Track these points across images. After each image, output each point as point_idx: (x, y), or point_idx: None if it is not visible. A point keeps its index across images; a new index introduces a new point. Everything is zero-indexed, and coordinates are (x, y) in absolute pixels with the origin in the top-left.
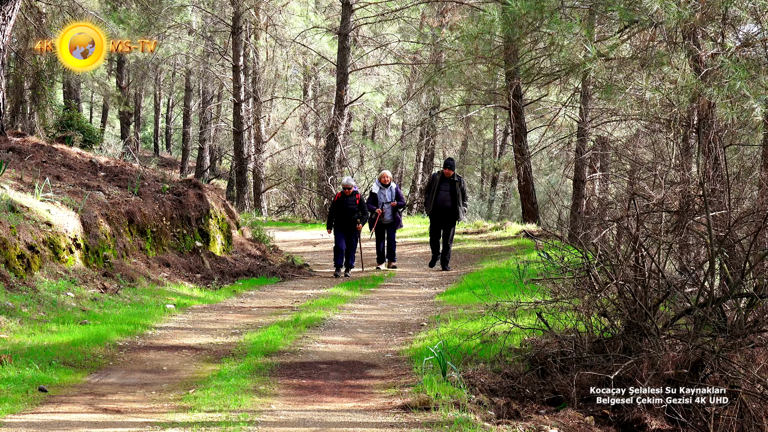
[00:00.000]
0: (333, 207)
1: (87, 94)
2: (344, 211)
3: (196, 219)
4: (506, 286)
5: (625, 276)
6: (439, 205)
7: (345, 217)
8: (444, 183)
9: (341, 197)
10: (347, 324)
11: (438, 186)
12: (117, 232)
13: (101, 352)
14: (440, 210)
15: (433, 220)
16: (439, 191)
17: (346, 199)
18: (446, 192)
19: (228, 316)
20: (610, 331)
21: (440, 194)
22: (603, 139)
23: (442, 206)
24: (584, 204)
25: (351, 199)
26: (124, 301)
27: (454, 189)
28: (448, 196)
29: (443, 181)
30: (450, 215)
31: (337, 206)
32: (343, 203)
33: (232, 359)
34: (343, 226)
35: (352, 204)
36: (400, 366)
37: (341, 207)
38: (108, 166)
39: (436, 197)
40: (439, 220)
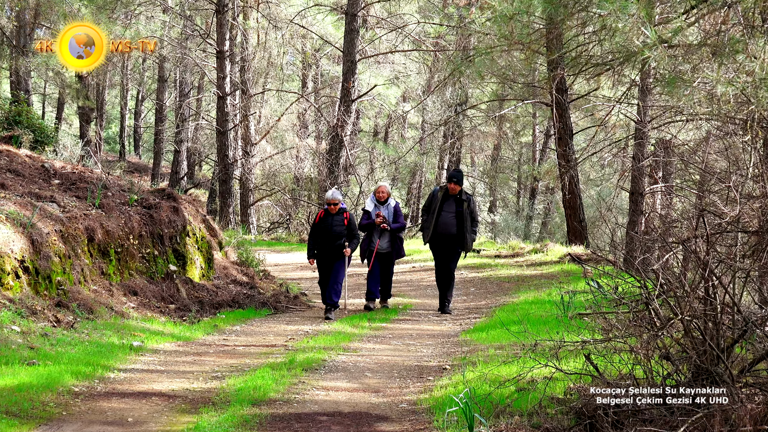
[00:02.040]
0: (314, 229)
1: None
2: (328, 235)
3: (171, 237)
4: (547, 321)
5: (692, 310)
6: (441, 232)
7: (329, 243)
8: (448, 202)
9: (324, 216)
10: (353, 367)
11: (440, 206)
12: (74, 253)
13: (53, 399)
14: (442, 238)
15: (435, 251)
16: (441, 213)
17: (330, 219)
18: (450, 215)
19: (208, 357)
20: (674, 377)
21: (442, 217)
22: (665, 143)
23: (444, 233)
24: (643, 222)
25: (337, 218)
26: (82, 337)
27: (460, 211)
28: (452, 220)
29: (447, 199)
30: (455, 245)
31: (320, 228)
32: (327, 225)
33: (212, 409)
34: (328, 255)
35: (339, 225)
36: (418, 419)
37: (324, 229)
38: (64, 172)
39: (436, 221)
40: (441, 250)
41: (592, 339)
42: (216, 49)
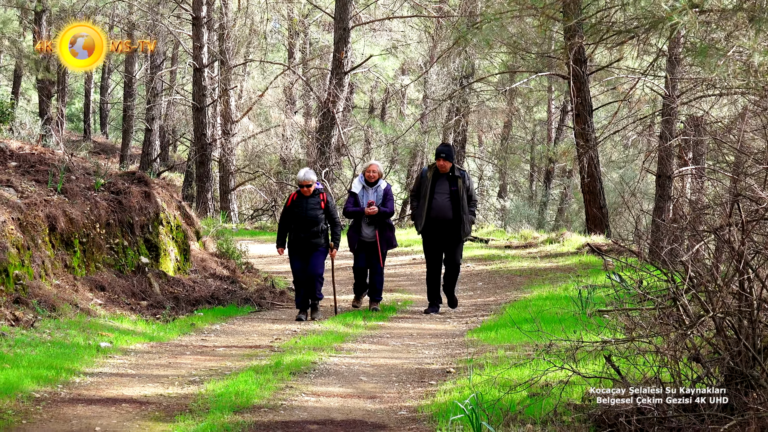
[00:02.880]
0: (285, 214)
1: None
2: (303, 221)
3: (142, 226)
4: (563, 319)
5: (725, 307)
6: (434, 216)
7: (304, 229)
8: (440, 183)
9: (297, 200)
10: (347, 370)
11: (431, 188)
12: (33, 244)
13: (11, 406)
14: (437, 224)
15: (429, 240)
16: (434, 196)
17: (305, 202)
18: (444, 196)
19: (184, 359)
20: (704, 381)
21: (436, 200)
22: (696, 120)
23: (438, 218)
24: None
25: (312, 201)
26: (43, 337)
27: (455, 190)
28: (447, 203)
29: (438, 179)
30: (452, 231)
31: (292, 214)
32: (301, 208)
33: (189, 417)
34: (302, 245)
35: (315, 209)
36: (419, 427)
37: (298, 215)
38: (21, 154)
39: (429, 206)
40: (436, 239)
41: (614, 339)
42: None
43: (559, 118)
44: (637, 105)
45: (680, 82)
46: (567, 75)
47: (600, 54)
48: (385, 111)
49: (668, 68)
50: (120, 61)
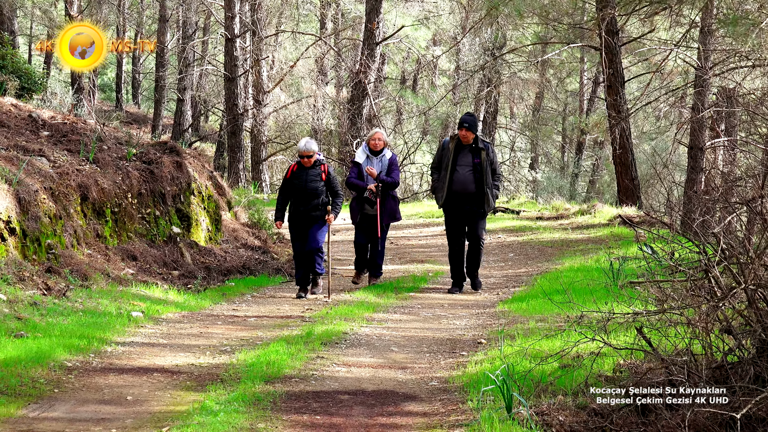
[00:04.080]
0: (285, 186)
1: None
2: (303, 193)
3: (174, 196)
4: (595, 291)
5: (757, 279)
6: (457, 190)
7: (304, 202)
8: (462, 154)
9: (297, 171)
10: (377, 340)
11: (453, 160)
12: (65, 213)
13: (43, 375)
14: (459, 198)
15: (451, 215)
16: (456, 168)
17: (305, 173)
18: (467, 169)
19: (216, 329)
20: (736, 353)
21: (457, 172)
22: (729, 92)
23: (461, 192)
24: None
25: (313, 172)
26: (75, 306)
27: (478, 162)
28: (470, 176)
29: (460, 151)
30: (475, 204)
31: (292, 185)
32: (301, 179)
33: (220, 386)
34: (302, 218)
35: (315, 180)
36: (449, 398)
37: (298, 187)
38: (54, 123)
39: (451, 179)
40: (458, 214)
41: (645, 310)
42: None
43: (590, 90)
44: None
45: (713, 54)
46: (599, 46)
47: (632, 25)
48: (416, 82)
49: (701, 39)
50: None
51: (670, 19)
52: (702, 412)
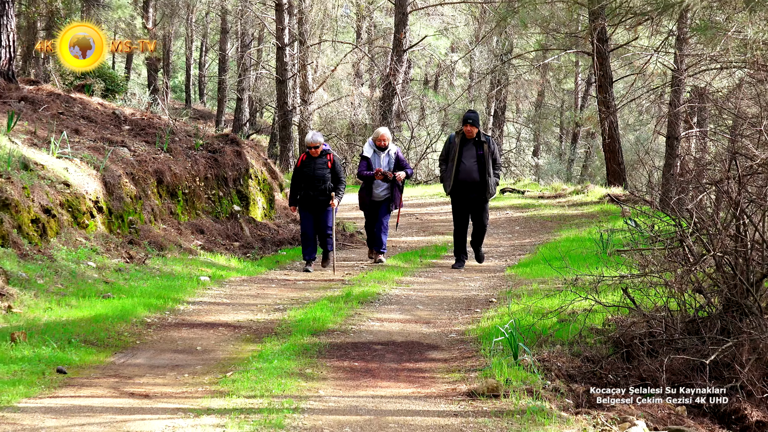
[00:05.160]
0: (296, 174)
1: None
2: (311, 179)
3: (234, 179)
4: (587, 258)
5: (724, 247)
6: (463, 179)
7: (313, 188)
8: (467, 147)
9: (306, 160)
10: (405, 300)
11: (459, 152)
12: (144, 194)
13: (127, 329)
14: (465, 186)
15: (456, 201)
16: (461, 160)
17: (313, 162)
18: (472, 160)
19: (270, 290)
20: (705, 309)
21: (463, 164)
22: (700, 90)
23: (466, 181)
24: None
25: (320, 161)
26: (153, 272)
27: (481, 154)
28: (474, 166)
29: (465, 144)
30: (478, 192)
31: (302, 172)
32: (310, 168)
33: (274, 338)
34: (311, 202)
35: (322, 168)
36: (466, 347)
37: (307, 173)
38: (133, 119)
39: (457, 169)
40: (464, 200)
41: (630, 274)
42: (275, 2)
43: (584, 89)
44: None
45: (687, 58)
46: (591, 52)
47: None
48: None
49: (677, 46)
50: (216, 41)
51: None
52: (677, 359)
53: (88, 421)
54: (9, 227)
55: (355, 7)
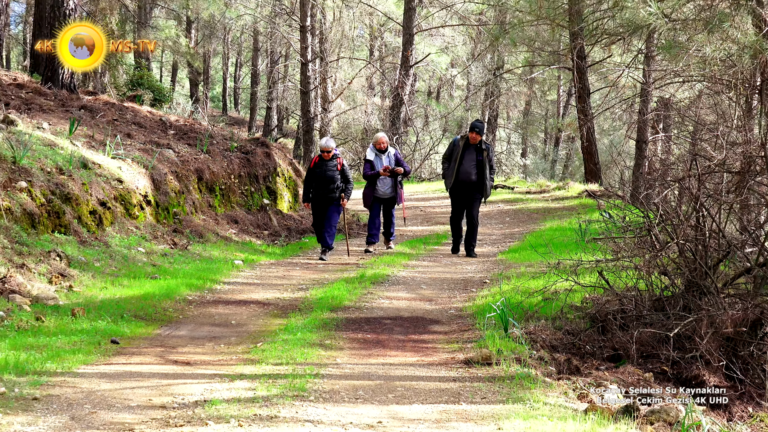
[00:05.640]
0: (309, 174)
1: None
2: (323, 180)
3: (264, 177)
4: (568, 245)
5: (685, 236)
6: (462, 179)
7: (324, 187)
8: (468, 151)
9: (318, 162)
10: (411, 281)
11: (461, 155)
12: (186, 189)
13: (171, 305)
14: (463, 185)
15: (455, 197)
16: (462, 161)
17: (324, 165)
18: (471, 163)
19: (294, 272)
20: (670, 289)
21: (463, 165)
22: (665, 101)
23: (465, 180)
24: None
25: (331, 164)
26: (193, 256)
27: (480, 159)
28: (473, 168)
29: (467, 148)
30: (475, 192)
31: (314, 174)
32: (322, 170)
33: (298, 314)
34: (322, 199)
35: (332, 170)
36: (463, 322)
37: (319, 175)
38: (177, 125)
39: (458, 169)
40: (461, 197)
41: (604, 259)
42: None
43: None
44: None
45: (654, 73)
46: (571, 67)
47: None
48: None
49: (645, 62)
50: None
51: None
52: (645, 332)
53: (137, 384)
54: (70, 218)
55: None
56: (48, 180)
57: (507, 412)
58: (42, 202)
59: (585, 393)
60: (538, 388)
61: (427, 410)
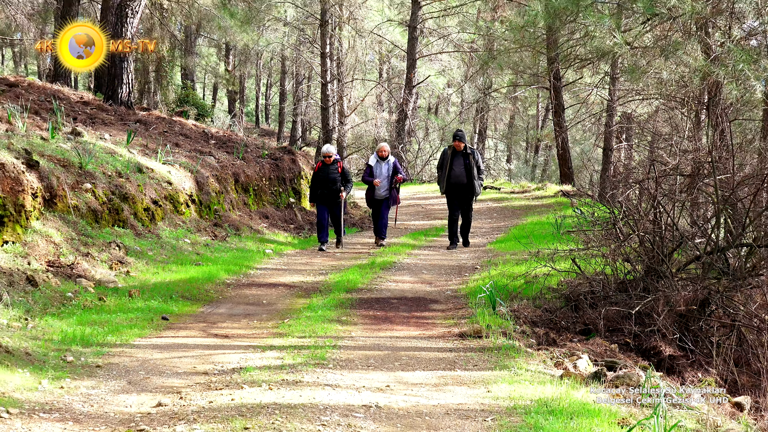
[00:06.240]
0: (315, 178)
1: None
2: (326, 181)
3: (290, 179)
4: (546, 236)
5: (645, 229)
6: (454, 182)
7: (327, 188)
8: (456, 158)
9: (322, 167)
10: (414, 266)
11: (450, 162)
12: (225, 190)
13: (212, 288)
14: (455, 188)
15: (450, 198)
16: (452, 167)
17: (327, 168)
18: (460, 167)
19: (316, 260)
20: (632, 274)
21: (453, 170)
22: (628, 115)
23: (457, 183)
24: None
25: (332, 167)
26: (231, 246)
27: (468, 163)
28: (462, 172)
29: (455, 155)
30: (466, 192)
31: (318, 176)
32: (324, 172)
33: (319, 295)
34: (326, 198)
35: (334, 173)
36: (458, 301)
37: (322, 177)
38: (217, 136)
39: (449, 174)
40: (455, 198)
41: (577, 248)
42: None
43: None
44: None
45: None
46: (548, 87)
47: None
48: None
49: (611, 83)
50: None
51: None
52: (611, 310)
53: (184, 354)
54: (128, 214)
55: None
56: (109, 182)
57: (495, 377)
58: (104, 201)
59: (560, 361)
60: (521, 357)
61: (428, 376)
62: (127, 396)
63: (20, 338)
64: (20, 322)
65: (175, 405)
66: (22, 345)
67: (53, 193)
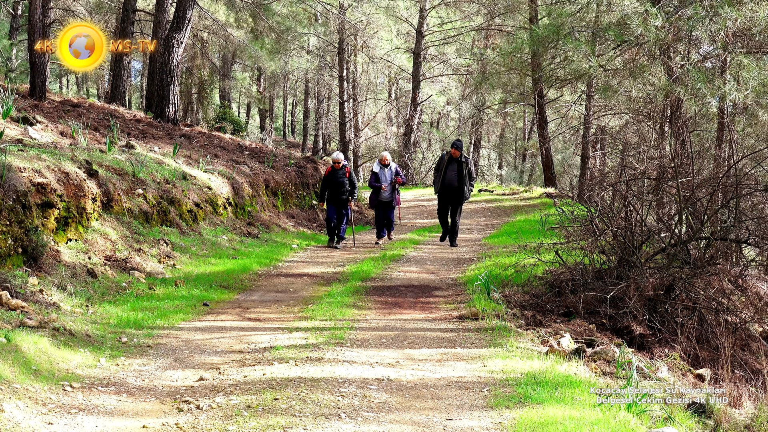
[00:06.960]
0: (324, 180)
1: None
2: (335, 184)
3: (313, 184)
4: (533, 232)
5: (617, 224)
6: (447, 185)
7: (335, 190)
8: (452, 163)
9: (331, 171)
10: (419, 259)
11: (446, 166)
12: (257, 194)
13: (246, 278)
14: (447, 189)
15: (441, 198)
16: (447, 171)
17: (336, 173)
18: (453, 172)
19: (335, 253)
20: (607, 264)
21: (448, 174)
22: (602, 127)
23: (449, 186)
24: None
25: (341, 172)
26: (262, 242)
27: (461, 169)
28: (455, 176)
29: (451, 161)
30: (456, 195)
31: (328, 180)
32: (334, 176)
33: (338, 283)
34: (334, 199)
35: (342, 177)
36: (457, 288)
37: (332, 180)
38: (251, 148)
39: (443, 177)
40: (446, 199)
41: (559, 242)
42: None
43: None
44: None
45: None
46: (534, 104)
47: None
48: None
49: (587, 100)
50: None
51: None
52: (589, 295)
53: (222, 335)
54: (174, 215)
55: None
56: (158, 188)
57: (490, 353)
58: (153, 204)
59: (546, 340)
60: (512, 336)
61: (432, 353)
62: (174, 372)
63: (82, 322)
64: (82, 308)
65: (214, 379)
66: (83, 328)
67: (110, 197)
